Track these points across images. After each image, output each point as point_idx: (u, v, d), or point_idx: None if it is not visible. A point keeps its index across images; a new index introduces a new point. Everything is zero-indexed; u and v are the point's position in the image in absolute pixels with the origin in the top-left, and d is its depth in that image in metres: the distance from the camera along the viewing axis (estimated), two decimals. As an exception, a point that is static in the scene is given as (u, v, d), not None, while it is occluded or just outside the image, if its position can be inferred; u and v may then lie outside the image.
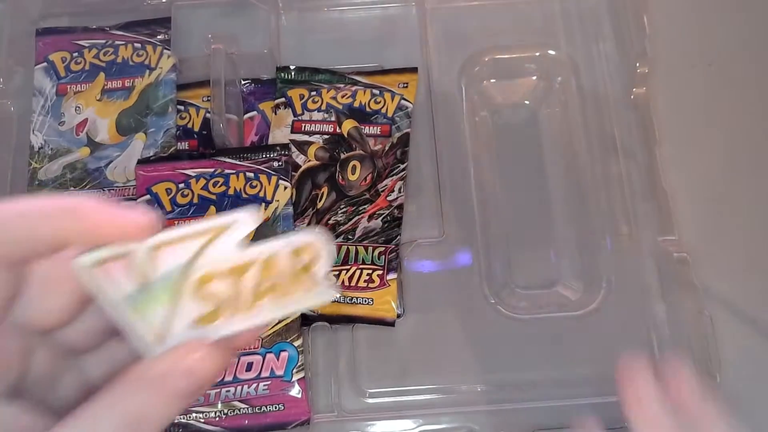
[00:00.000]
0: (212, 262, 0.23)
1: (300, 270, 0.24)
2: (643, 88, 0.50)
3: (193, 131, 0.50)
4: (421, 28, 0.53)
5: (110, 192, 0.48)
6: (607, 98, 0.51)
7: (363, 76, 0.51)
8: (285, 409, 0.43)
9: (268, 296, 0.24)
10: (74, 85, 0.50)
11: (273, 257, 0.24)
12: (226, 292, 0.24)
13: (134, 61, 0.51)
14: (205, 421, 0.43)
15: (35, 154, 0.49)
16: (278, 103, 0.50)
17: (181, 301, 0.23)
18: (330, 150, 0.49)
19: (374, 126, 0.50)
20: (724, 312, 0.46)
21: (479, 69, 0.52)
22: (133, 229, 0.22)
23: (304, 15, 0.54)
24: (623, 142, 0.50)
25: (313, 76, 0.51)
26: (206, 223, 0.23)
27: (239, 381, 0.43)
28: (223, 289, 0.24)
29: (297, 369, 0.44)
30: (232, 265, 0.24)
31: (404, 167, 0.48)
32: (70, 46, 0.51)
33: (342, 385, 0.45)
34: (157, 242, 0.23)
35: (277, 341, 0.44)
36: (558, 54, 0.52)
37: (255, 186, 0.47)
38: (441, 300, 0.47)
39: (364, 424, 0.44)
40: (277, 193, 0.47)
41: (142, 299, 0.23)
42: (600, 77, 0.52)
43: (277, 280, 0.24)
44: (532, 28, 0.53)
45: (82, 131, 0.49)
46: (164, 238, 0.23)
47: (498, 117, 0.52)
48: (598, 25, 0.53)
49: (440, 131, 0.50)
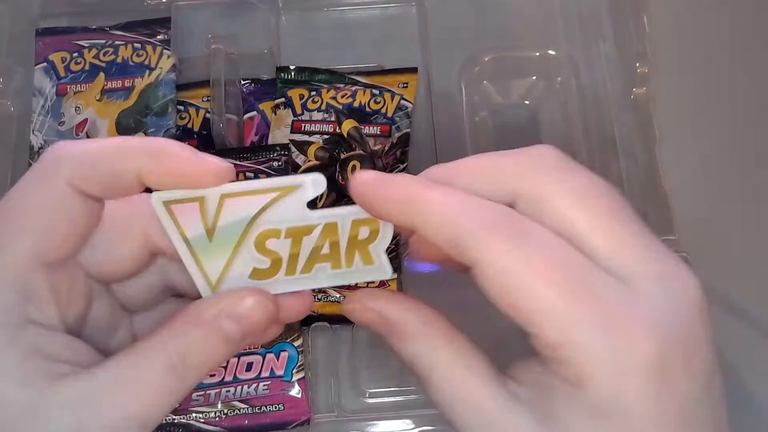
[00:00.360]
0: (275, 219, 0.24)
1: (360, 242, 0.24)
2: (643, 88, 0.50)
3: (193, 131, 0.50)
4: (421, 28, 0.53)
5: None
6: (607, 98, 0.51)
7: (363, 76, 0.51)
8: (285, 409, 0.43)
9: (324, 262, 0.25)
10: (74, 85, 0.50)
11: (334, 224, 0.24)
12: (284, 251, 0.24)
13: (134, 61, 0.51)
14: (205, 421, 0.43)
15: (35, 154, 0.49)
16: (278, 103, 0.51)
17: (241, 253, 0.24)
18: (330, 150, 0.49)
19: (374, 126, 0.50)
20: (724, 312, 0.46)
21: (479, 69, 0.52)
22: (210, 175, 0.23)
23: (304, 15, 0.54)
24: (623, 142, 0.50)
25: (313, 76, 0.51)
26: (275, 180, 0.24)
27: (239, 381, 0.43)
28: (281, 247, 0.24)
29: (297, 369, 0.44)
30: (294, 226, 0.24)
31: (404, 167, 0.48)
32: (70, 46, 0.51)
33: (342, 385, 0.45)
34: (228, 191, 0.23)
35: (277, 341, 0.44)
36: (558, 54, 0.52)
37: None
38: (441, 300, 0.46)
39: (364, 424, 0.44)
40: (277, 193, 0.47)
41: (206, 244, 0.24)
42: (600, 77, 0.52)
43: (335, 248, 0.24)
44: (532, 28, 0.53)
45: (82, 131, 0.49)
46: (234, 189, 0.23)
47: (498, 117, 0.52)
48: (598, 25, 0.53)
49: (440, 131, 0.50)
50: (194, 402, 0.43)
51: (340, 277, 0.25)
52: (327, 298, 0.46)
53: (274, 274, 0.24)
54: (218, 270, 0.24)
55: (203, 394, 0.43)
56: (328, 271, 0.25)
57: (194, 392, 0.43)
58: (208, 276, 0.24)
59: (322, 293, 0.46)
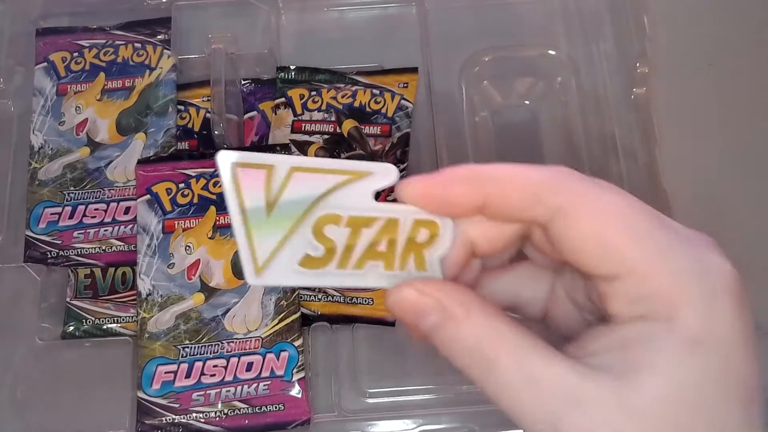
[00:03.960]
0: (339, 205, 0.23)
1: (417, 245, 0.24)
2: (643, 88, 0.50)
3: (193, 131, 0.50)
4: (421, 28, 0.53)
5: (110, 192, 0.48)
6: (607, 98, 0.51)
7: (363, 76, 0.51)
8: (285, 409, 0.43)
9: (377, 260, 0.23)
10: (74, 85, 0.50)
11: (396, 220, 0.23)
12: (341, 240, 0.23)
13: (134, 61, 0.51)
14: (205, 421, 0.43)
15: (35, 154, 0.49)
16: (278, 103, 0.51)
17: (297, 234, 0.23)
18: (330, 150, 0.49)
19: (374, 126, 0.50)
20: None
21: (479, 69, 0.52)
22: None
23: (304, 15, 0.54)
24: (623, 142, 0.50)
25: (313, 76, 0.51)
26: (349, 163, 0.22)
27: (239, 381, 0.43)
28: (339, 236, 0.23)
29: (297, 369, 0.44)
30: (356, 215, 0.23)
31: (404, 167, 0.48)
32: (70, 46, 0.51)
33: (342, 385, 0.45)
34: (299, 165, 0.22)
35: (277, 341, 0.44)
36: (558, 54, 0.52)
37: (255, 186, 0.47)
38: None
39: (364, 424, 0.44)
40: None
41: (262, 218, 0.22)
42: (600, 77, 0.52)
43: (391, 247, 0.23)
44: (532, 28, 0.53)
45: (82, 131, 0.49)
46: (306, 163, 0.22)
47: (498, 117, 0.52)
48: (598, 25, 0.53)
49: (440, 131, 0.50)
50: (194, 402, 0.43)
51: (391, 278, 0.24)
52: (327, 298, 0.46)
53: (326, 264, 0.23)
54: (269, 250, 0.22)
55: (203, 394, 0.43)
56: (380, 270, 0.23)
57: (194, 392, 0.43)
58: (256, 255, 0.22)
59: (322, 293, 0.46)
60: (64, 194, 0.48)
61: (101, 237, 0.47)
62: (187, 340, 0.44)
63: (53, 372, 0.45)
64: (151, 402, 0.43)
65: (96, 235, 0.47)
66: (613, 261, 0.21)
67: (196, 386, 0.43)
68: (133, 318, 0.45)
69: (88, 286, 0.47)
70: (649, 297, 0.21)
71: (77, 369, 0.45)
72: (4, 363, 0.45)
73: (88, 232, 0.47)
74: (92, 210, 0.47)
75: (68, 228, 0.47)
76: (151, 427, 0.42)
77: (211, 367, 0.43)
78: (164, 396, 0.43)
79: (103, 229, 0.47)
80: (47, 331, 0.46)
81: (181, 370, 0.43)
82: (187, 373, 0.43)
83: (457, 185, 0.23)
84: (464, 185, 0.22)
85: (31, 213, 0.47)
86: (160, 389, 0.43)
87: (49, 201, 0.48)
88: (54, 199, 0.48)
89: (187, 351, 0.44)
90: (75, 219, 0.47)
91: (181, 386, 0.43)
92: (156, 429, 0.42)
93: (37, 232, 0.47)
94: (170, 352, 0.44)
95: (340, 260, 0.23)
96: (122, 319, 0.46)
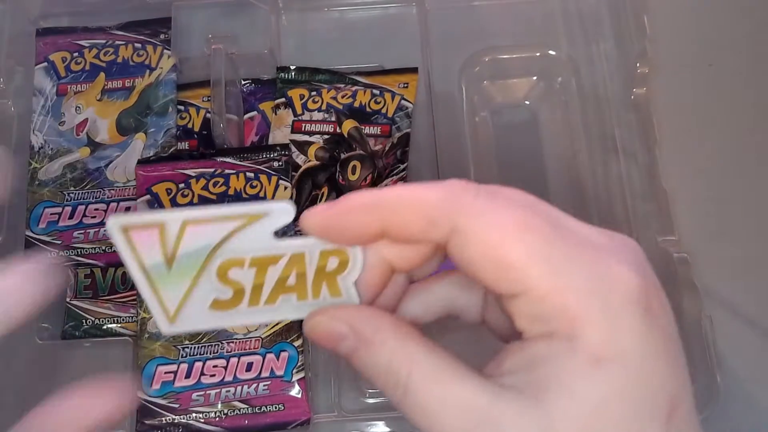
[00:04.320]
0: (239, 249, 0.23)
1: (328, 273, 0.23)
2: (643, 88, 0.50)
3: (193, 131, 0.50)
4: (421, 28, 0.53)
5: (110, 192, 0.48)
6: (607, 98, 0.51)
7: (363, 76, 0.51)
8: (285, 409, 0.43)
9: (289, 293, 0.24)
10: (74, 85, 0.50)
11: (301, 255, 0.23)
12: (247, 281, 0.23)
13: (134, 61, 0.51)
14: (205, 421, 0.43)
15: (35, 154, 0.49)
16: (278, 103, 0.51)
17: (201, 283, 0.23)
18: (330, 150, 0.49)
19: (374, 126, 0.50)
20: (724, 312, 0.46)
21: (479, 69, 0.52)
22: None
23: (304, 15, 0.54)
24: (623, 142, 0.50)
25: (313, 76, 0.51)
26: (242, 207, 0.22)
27: (239, 381, 0.43)
28: (245, 277, 0.23)
29: (297, 369, 0.44)
30: (259, 255, 0.23)
31: (404, 167, 0.48)
32: (70, 46, 0.51)
33: (342, 385, 0.45)
34: (190, 218, 0.22)
35: (277, 341, 0.44)
36: (558, 54, 0.52)
37: (255, 186, 0.47)
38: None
39: (364, 424, 0.44)
40: (277, 194, 0.47)
41: (164, 273, 0.22)
42: (600, 77, 0.52)
43: (301, 279, 0.23)
44: (532, 28, 0.53)
45: (82, 131, 0.49)
46: (198, 215, 0.22)
47: (498, 117, 0.52)
48: (598, 25, 0.53)
49: (440, 131, 0.50)
50: (194, 402, 0.43)
51: (305, 308, 0.24)
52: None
53: (237, 304, 0.23)
54: (177, 300, 0.23)
55: (203, 394, 0.43)
56: (293, 302, 0.24)
57: (194, 392, 0.43)
58: (165, 306, 0.23)
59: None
60: (64, 194, 0.48)
61: (101, 237, 0.47)
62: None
63: (53, 372, 0.45)
64: (151, 402, 0.43)
65: (96, 236, 0.47)
66: (511, 280, 0.21)
67: (195, 386, 0.43)
68: (133, 318, 0.45)
69: (88, 286, 0.47)
70: (550, 315, 0.21)
71: (77, 369, 0.45)
72: (4, 363, 0.45)
73: (88, 232, 0.47)
74: (92, 210, 0.47)
75: (68, 228, 0.47)
76: (150, 427, 0.42)
77: (211, 367, 0.43)
78: (164, 396, 0.43)
79: (103, 230, 0.47)
80: (47, 331, 0.46)
81: (180, 371, 0.43)
82: (187, 373, 0.43)
83: (354, 215, 0.22)
84: (361, 214, 0.22)
85: (31, 213, 0.47)
86: (159, 389, 0.43)
87: (49, 201, 0.48)
88: (54, 199, 0.48)
89: (187, 351, 0.44)
90: (75, 219, 0.47)
91: (181, 386, 0.43)
92: (156, 429, 0.42)
93: (37, 232, 0.47)
94: (170, 353, 0.44)
95: (250, 299, 0.23)
96: (122, 319, 0.46)
